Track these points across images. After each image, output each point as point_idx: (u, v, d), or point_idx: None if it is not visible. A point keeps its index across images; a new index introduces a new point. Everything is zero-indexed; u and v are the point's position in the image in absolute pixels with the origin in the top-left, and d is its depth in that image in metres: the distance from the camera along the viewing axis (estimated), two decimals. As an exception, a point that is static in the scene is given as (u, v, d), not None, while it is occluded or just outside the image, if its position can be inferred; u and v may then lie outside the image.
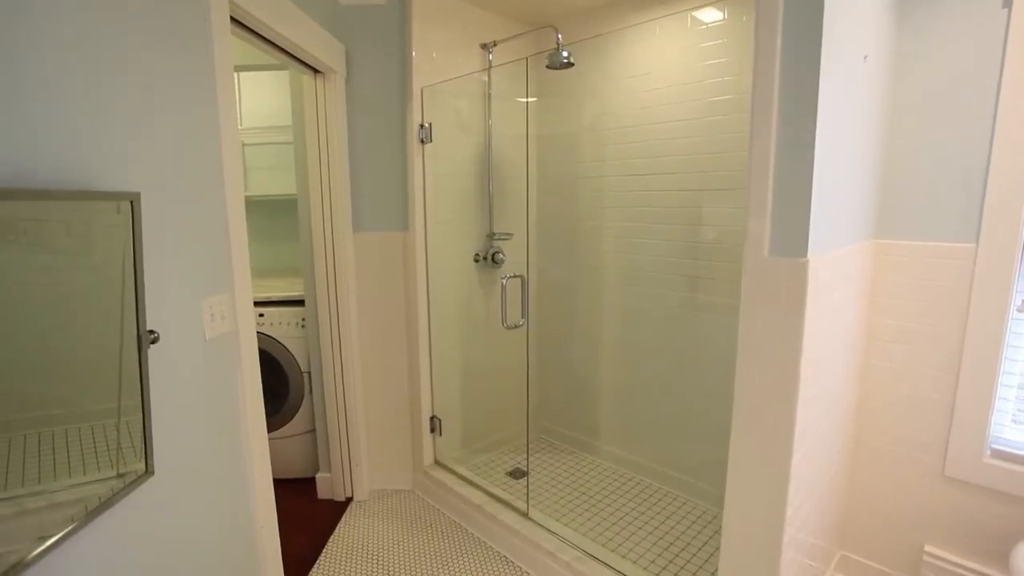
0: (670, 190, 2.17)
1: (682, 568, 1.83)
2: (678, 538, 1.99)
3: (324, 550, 2.00)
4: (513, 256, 2.55)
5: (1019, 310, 1.52)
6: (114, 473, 0.96)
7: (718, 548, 1.37)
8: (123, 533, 0.99)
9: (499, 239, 2.49)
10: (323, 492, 2.34)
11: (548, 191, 2.64)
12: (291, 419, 2.38)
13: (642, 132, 2.23)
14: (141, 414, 1.00)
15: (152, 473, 1.04)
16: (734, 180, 1.99)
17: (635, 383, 2.40)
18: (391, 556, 1.96)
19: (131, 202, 0.94)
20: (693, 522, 2.10)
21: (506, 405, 2.70)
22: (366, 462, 2.33)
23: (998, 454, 1.56)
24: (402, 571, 1.88)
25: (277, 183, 2.85)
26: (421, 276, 2.22)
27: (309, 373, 2.32)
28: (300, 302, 2.30)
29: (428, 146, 2.18)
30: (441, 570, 1.89)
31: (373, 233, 2.22)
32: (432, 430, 2.34)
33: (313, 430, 2.38)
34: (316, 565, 1.92)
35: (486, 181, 2.45)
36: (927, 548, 1.68)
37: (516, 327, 2.14)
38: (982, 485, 1.57)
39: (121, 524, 0.99)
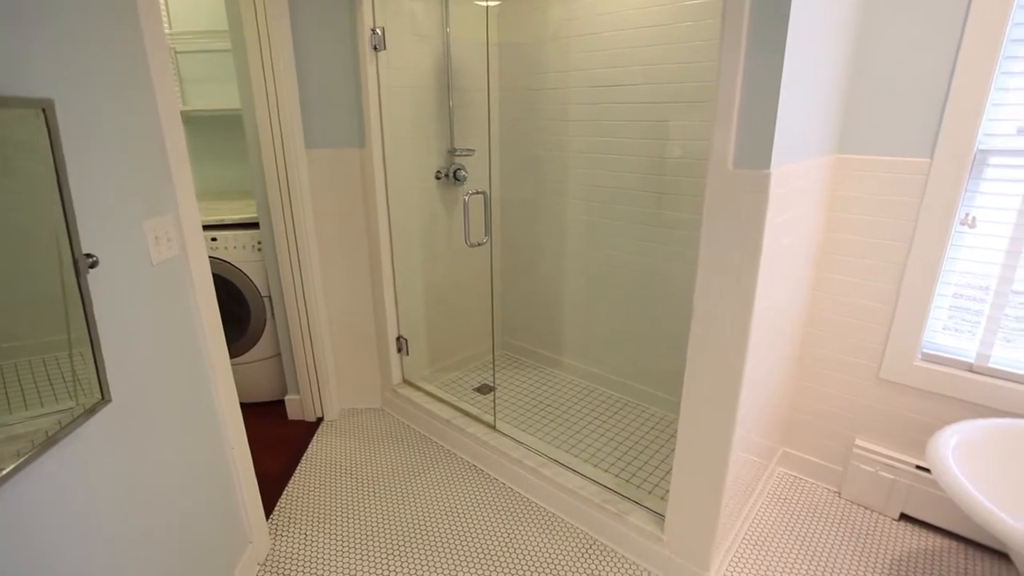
0: (637, 103, 2.10)
1: (640, 468, 1.97)
2: (637, 442, 2.13)
3: (298, 468, 2.06)
4: (476, 173, 2.47)
5: (962, 223, 1.58)
6: (73, 404, 0.94)
7: (674, 450, 1.47)
8: (85, 458, 0.98)
9: (461, 155, 2.40)
10: (293, 414, 2.38)
11: (511, 104, 2.52)
12: (255, 344, 2.35)
13: (608, 39, 2.12)
14: (89, 341, 0.96)
15: (109, 400, 1.02)
16: (703, 92, 1.93)
17: (598, 299, 2.46)
18: (364, 470, 2.04)
19: (43, 110, 0.84)
20: (652, 428, 2.24)
21: (472, 323, 2.74)
22: (334, 383, 2.36)
23: (928, 357, 1.69)
24: (376, 483, 1.97)
25: (220, 97, 2.63)
26: (380, 194, 2.14)
27: (269, 297, 2.27)
28: (255, 224, 2.20)
29: (382, 54, 2.02)
30: (414, 480, 1.98)
31: (328, 150, 2.10)
32: (399, 350, 2.36)
33: (279, 354, 2.37)
34: (291, 481, 1.98)
35: (446, 94, 2.32)
36: (857, 442, 1.85)
37: (479, 245, 2.12)
38: (911, 386, 1.71)
39: (83, 449, 0.97)
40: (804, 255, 1.62)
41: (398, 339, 2.35)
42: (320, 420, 2.37)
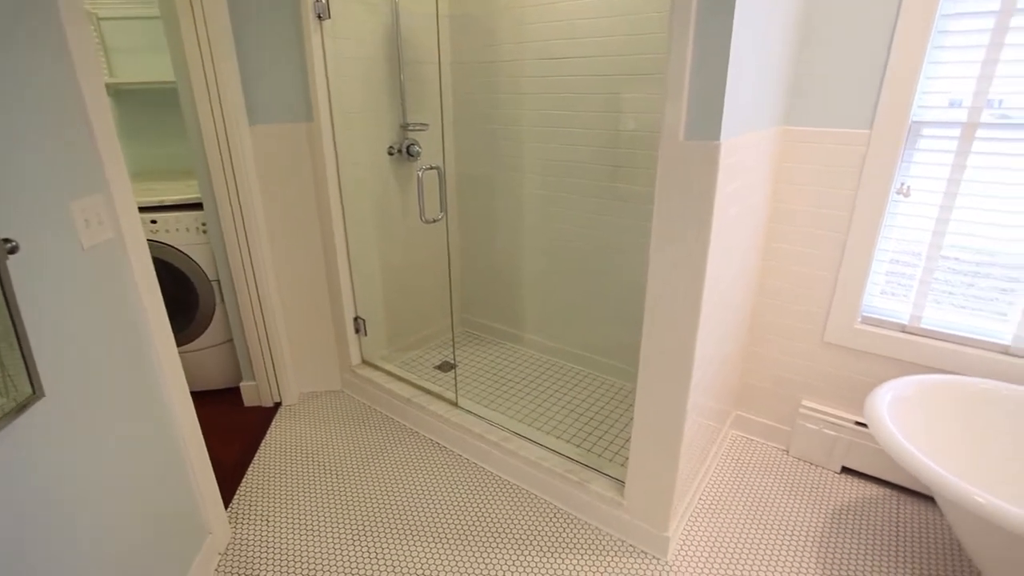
0: (592, 75, 2.09)
1: (600, 438, 2.02)
2: (597, 413, 2.18)
3: (257, 454, 2.01)
4: (430, 148, 2.42)
5: (898, 192, 1.66)
6: (3, 400, 0.88)
7: (632, 418, 1.51)
8: (19, 457, 0.93)
9: (414, 130, 2.34)
10: (249, 400, 2.32)
11: (464, 78, 2.46)
12: (205, 330, 2.26)
13: (562, 10, 2.09)
14: (14, 332, 0.89)
15: (42, 395, 0.96)
16: (657, 64, 1.94)
17: (556, 273, 2.47)
18: (326, 452, 2.01)
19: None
20: (611, 398, 2.29)
21: (430, 301, 2.72)
22: (291, 366, 2.30)
23: (867, 320, 1.78)
24: (338, 465, 1.95)
25: (152, 69, 2.46)
26: (331, 171, 2.07)
27: (218, 281, 2.18)
28: (198, 205, 2.10)
29: (327, 23, 1.92)
30: (376, 460, 1.97)
31: (274, 125, 2.00)
32: (357, 331, 2.32)
33: (231, 339, 2.29)
34: (251, 468, 1.94)
35: (396, 66, 2.24)
36: (803, 403, 1.95)
37: (435, 221, 2.08)
38: (852, 348, 1.81)
39: (14, 448, 0.92)
40: (753, 225, 1.67)
41: (355, 319, 2.30)
42: (278, 405, 2.32)
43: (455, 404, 2.06)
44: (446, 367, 2.52)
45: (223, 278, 2.12)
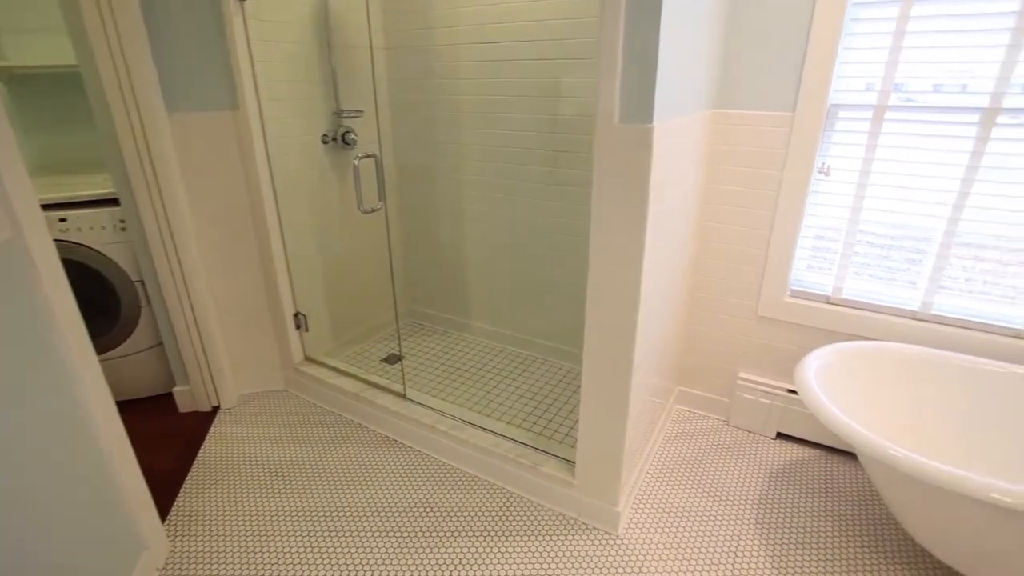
0: (530, 59, 2.08)
1: (551, 421, 2.05)
2: (547, 396, 2.21)
3: (195, 461, 1.92)
4: (366, 135, 2.35)
5: (820, 171, 1.75)
6: None
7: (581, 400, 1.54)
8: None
9: (348, 117, 2.26)
10: (184, 405, 2.20)
11: (399, 63, 2.40)
12: (130, 334, 2.12)
13: (497, -7, 2.06)
14: None
15: (-65, 413, 0.87)
16: (594, 49, 1.95)
17: (501, 259, 2.47)
18: (270, 455, 1.94)
19: None
20: (559, 381, 2.33)
21: (374, 293, 2.66)
22: (229, 368, 2.20)
23: (795, 293, 1.89)
24: (284, 467, 1.89)
25: (54, 51, 2.25)
26: (261, 161, 1.97)
27: (142, 281, 2.04)
28: (115, 201, 1.95)
29: (248, 4, 1.82)
30: (324, 459, 1.92)
31: (195, 114, 1.88)
32: (298, 327, 2.24)
33: (160, 343, 2.16)
34: (189, 477, 1.84)
35: (327, 51, 2.15)
36: (741, 374, 2.04)
37: (374, 211, 2.03)
38: (783, 320, 1.91)
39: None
40: (689, 206, 1.73)
41: (296, 315, 2.22)
42: (216, 409, 2.21)
43: (403, 396, 2.03)
44: (393, 359, 2.48)
45: (147, 278, 1.99)
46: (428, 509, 1.70)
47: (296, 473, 1.85)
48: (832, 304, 1.83)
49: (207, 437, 2.04)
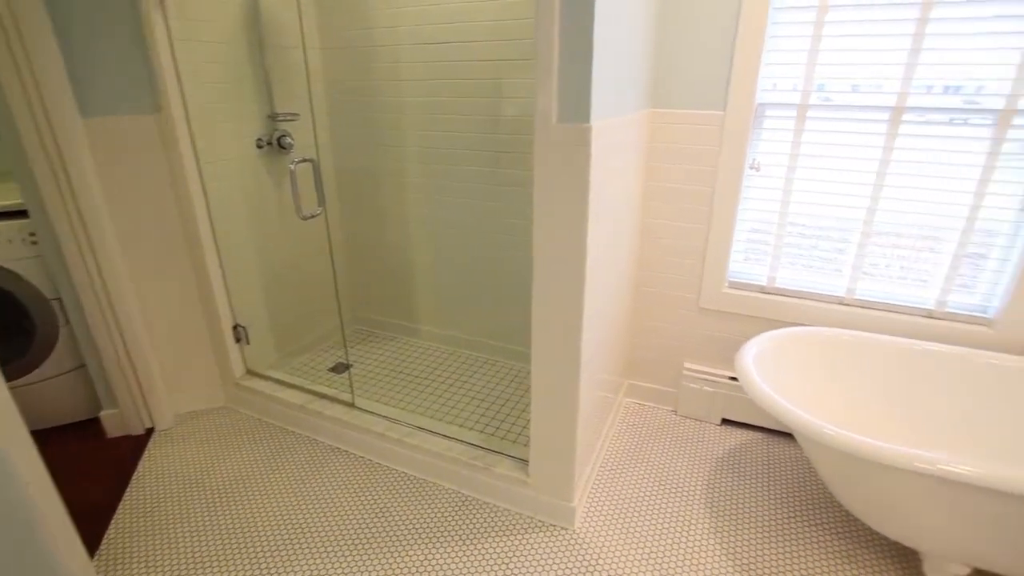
0: (472, 60, 2.07)
1: (503, 421, 2.05)
2: (499, 397, 2.21)
3: (128, 490, 1.79)
4: (303, 139, 2.27)
5: (751, 167, 1.84)
6: None
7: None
8: None
9: (283, 120, 2.18)
10: (114, 430, 2.05)
11: (337, 64, 2.34)
12: (47, 357, 1.96)
13: (434, -6, 2.05)
14: None
15: None
16: (534, 50, 1.96)
17: (447, 262, 2.45)
18: (213, 476, 1.84)
19: None
20: (511, 381, 2.33)
21: (318, 301, 2.58)
22: (162, 387, 2.07)
23: (734, 285, 1.97)
24: (228, 487, 1.79)
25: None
26: (190, 167, 1.87)
27: (59, 299, 1.89)
28: (22, 213, 1.80)
29: (170, 1, 1.72)
30: (271, 475, 1.84)
31: (114, 118, 1.76)
32: (238, 340, 2.14)
33: (83, 365, 2.01)
34: (121, 507, 1.72)
35: (258, 51, 2.07)
36: (686, 365, 2.11)
37: (313, 217, 1.97)
38: (723, 310, 1.99)
39: None
40: (629, 204, 1.77)
41: (235, 328, 2.12)
42: (151, 431, 2.08)
43: (352, 405, 1.97)
44: (340, 368, 2.41)
45: (65, 296, 1.84)
46: (383, 519, 1.66)
47: (242, 493, 1.77)
48: (767, 293, 1.92)
49: (140, 462, 1.92)
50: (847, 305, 1.82)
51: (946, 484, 1.19)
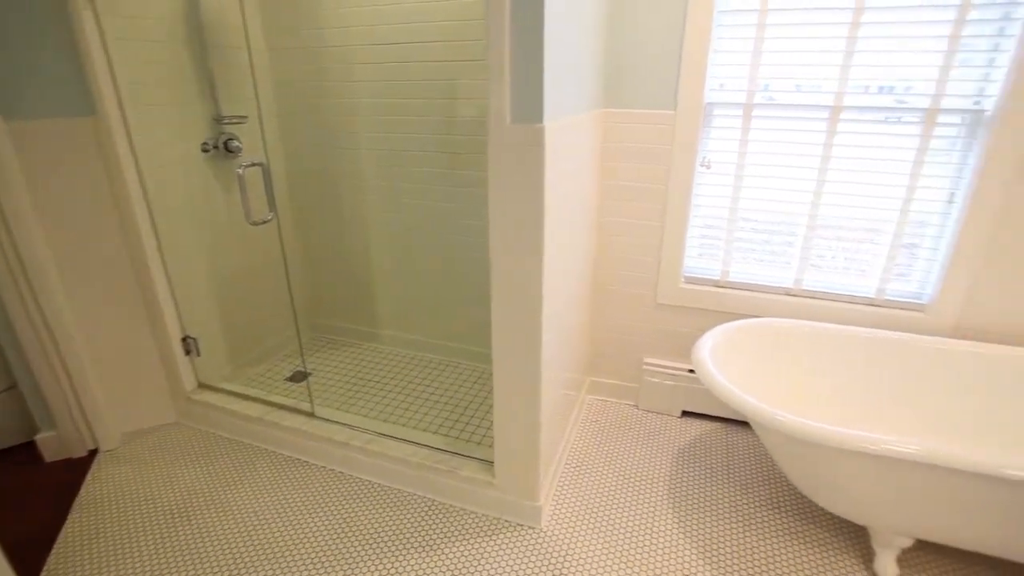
0: (426, 61, 2.05)
1: (467, 424, 2.03)
2: (462, 399, 2.19)
3: (69, 517, 1.69)
4: (252, 142, 2.20)
5: (702, 165, 1.89)
6: None
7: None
8: None
9: (230, 123, 2.10)
10: (52, 454, 1.93)
11: (286, 65, 2.27)
12: (-25, 377, 1.83)
13: (385, -7, 2.02)
14: None
15: None
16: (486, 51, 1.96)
17: (406, 265, 2.42)
18: (165, 496, 1.76)
19: None
20: (474, 383, 2.32)
21: (273, 309, 2.50)
22: (106, 405, 1.96)
23: (689, 280, 2.02)
24: (183, 506, 1.72)
25: None
26: (130, 173, 1.78)
27: (-13, 316, 1.77)
28: (-58, 224, 1.67)
29: (101, -2, 1.63)
30: (228, 492, 1.77)
31: (41, 122, 1.66)
32: (188, 352, 2.05)
33: (15, 385, 1.88)
34: (61, 536, 1.62)
35: (200, 52, 1.99)
36: (646, 360, 2.15)
37: (264, 222, 1.91)
38: (679, 305, 2.04)
39: None
40: (585, 203, 1.79)
41: (184, 340, 2.03)
42: (95, 452, 1.97)
43: (312, 415, 1.92)
44: (299, 377, 2.34)
45: (-6, 311, 1.72)
46: (348, 529, 1.63)
47: (197, 511, 1.69)
48: (721, 287, 1.97)
49: (84, 486, 1.81)
50: (795, 296, 1.89)
51: (890, 463, 1.25)
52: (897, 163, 1.69)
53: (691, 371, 2.09)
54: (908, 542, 1.42)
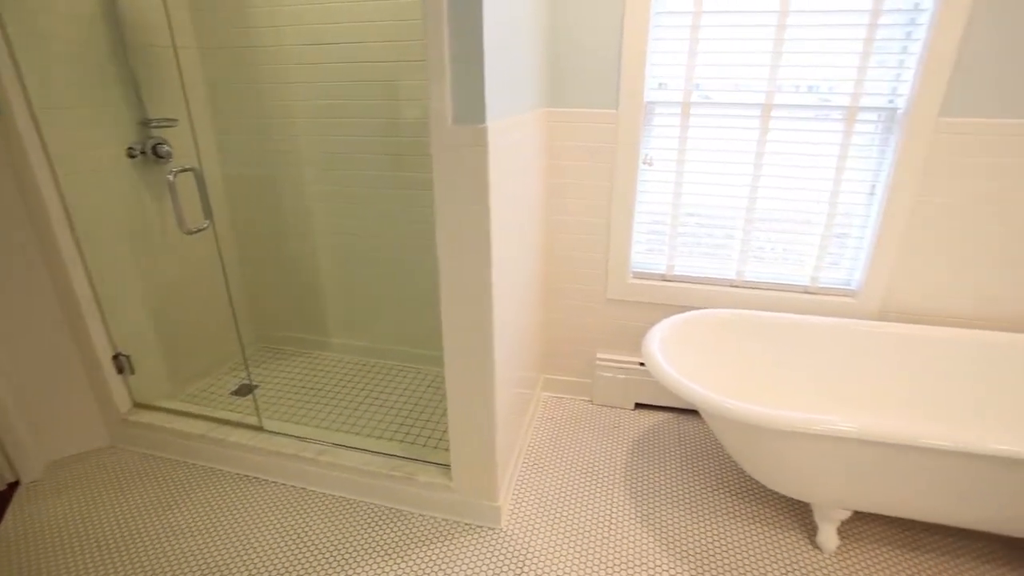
0: (367, 62, 2.01)
1: (423, 428, 2.01)
2: (416, 404, 2.16)
3: (-12, 552, 1.55)
4: (183, 147, 2.09)
5: (644, 163, 1.94)
6: None
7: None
8: None
9: (159, 127, 1.99)
10: (-33, 486, 1.77)
11: (218, 66, 2.17)
12: None
13: (320, -9, 1.96)
14: None
15: None
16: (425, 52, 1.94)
17: (354, 270, 2.37)
18: (97, 526, 1.64)
19: None
20: (428, 387, 2.29)
21: (214, 320, 2.38)
22: (26, 432, 1.82)
23: (637, 275, 2.07)
24: (120, 536, 1.61)
25: None
26: (45, 180, 1.65)
27: None
28: None
29: (4, -9, 1.51)
30: (169, 515, 1.68)
31: (-60, 126, 1.52)
32: (120, 370, 1.92)
33: (-80, 415, 1.71)
34: (-20, 573, 1.49)
35: (123, 50, 1.87)
36: (598, 355, 2.19)
37: (200, 230, 1.82)
38: (629, 300, 2.08)
39: None
40: (533, 202, 1.80)
41: (116, 357, 1.91)
42: (15, 485, 1.82)
43: (260, 428, 1.85)
44: (244, 390, 2.25)
45: None
46: (303, 544, 1.57)
47: (136, 539, 1.59)
48: (668, 281, 2.03)
49: (3, 522, 1.67)
50: (739, 287, 1.97)
51: (828, 440, 1.32)
52: (824, 158, 1.79)
53: (642, 364, 2.14)
54: (846, 514, 1.50)
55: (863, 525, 1.64)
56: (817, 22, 1.65)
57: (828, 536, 1.54)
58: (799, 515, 1.68)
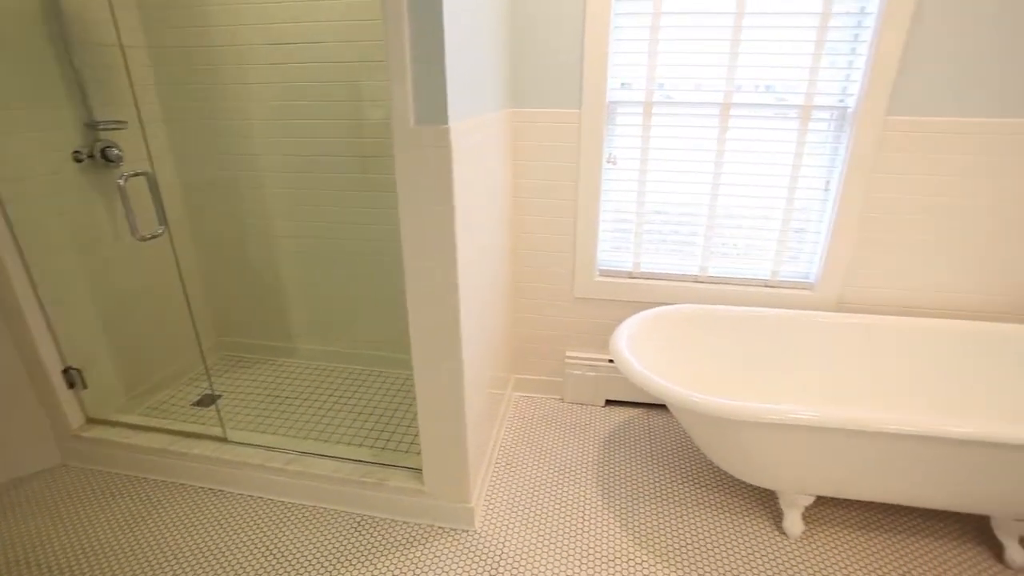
0: (329, 62, 1.97)
1: (394, 433, 1.98)
2: (387, 408, 2.14)
3: (-70, 582, 1.46)
4: (135, 150, 2.01)
5: (608, 162, 1.96)
6: None
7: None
8: None
9: (107, 129, 1.91)
10: (-95, 513, 1.66)
11: (170, 66, 2.10)
12: None
13: (277, -10, 1.92)
14: None
15: None
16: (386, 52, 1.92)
17: (319, 274, 2.32)
18: (47, 551, 1.57)
19: None
20: (398, 390, 2.27)
21: (173, 330, 2.30)
22: (-28, 453, 1.72)
23: (603, 273, 2.09)
24: (72, 560, 1.54)
25: None
26: (-15, 189, 1.57)
27: None
28: None
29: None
30: (128, 535, 1.61)
31: None
32: (71, 385, 1.84)
33: None
34: (-80, 605, 1.40)
35: (64, 49, 1.79)
36: (568, 353, 2.20)
37: (154, 237, 1.75)
38: (596, 298, 2.10)
39: None
40: (498, 201, 1.80)
41: (66, 371, 1.82)
42: (-41, 508, 1.72)
43: (224, 439, 1.79)
44: (207, 401, 2.18)
45: None
46: (272, 557, 1.53)
47: (92, 562, 1.52)
48: (634, 278, 2.06)
49: (-52, 547, 1.57)
50: (703, 283, 2.01)
51: (790, 429, 1.37)
52: (782, 155, 1.84)
53: (611, 361, 2.16)
54: (810, 500, 1.55)
55: (826, 509, 1.70)
56: (771, 23, 1.70)
57: (793, 522, 1.58)
58: (765, 503, 1.73)
